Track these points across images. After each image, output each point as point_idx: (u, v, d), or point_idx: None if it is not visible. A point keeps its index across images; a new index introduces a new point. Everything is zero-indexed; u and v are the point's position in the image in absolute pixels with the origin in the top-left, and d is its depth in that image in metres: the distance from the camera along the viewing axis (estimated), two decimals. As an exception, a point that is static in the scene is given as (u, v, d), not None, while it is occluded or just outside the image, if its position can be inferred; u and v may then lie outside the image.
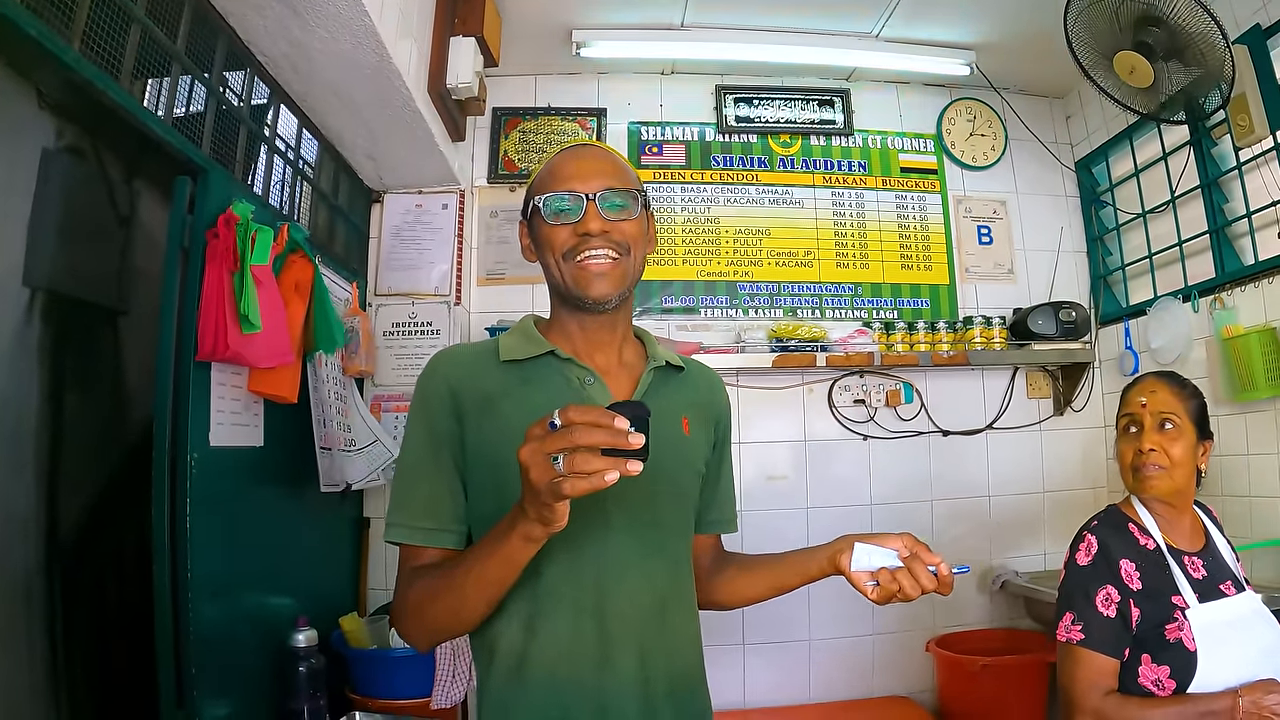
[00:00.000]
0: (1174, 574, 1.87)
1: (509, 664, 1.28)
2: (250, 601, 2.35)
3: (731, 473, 1.64)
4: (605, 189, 1.34)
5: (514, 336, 1.42)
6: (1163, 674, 1.79)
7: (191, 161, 2.09)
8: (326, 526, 2.99)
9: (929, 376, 3.75)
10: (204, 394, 2.11)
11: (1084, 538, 1.95)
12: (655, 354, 1.47)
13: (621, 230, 1.35)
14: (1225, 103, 2.86)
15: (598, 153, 1.42)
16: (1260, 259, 3.05)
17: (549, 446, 0.96)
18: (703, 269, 3.71)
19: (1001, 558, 3.71)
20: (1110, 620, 1.82)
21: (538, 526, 1.04)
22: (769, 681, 3.50)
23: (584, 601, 1.28)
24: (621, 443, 0.95)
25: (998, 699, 3.27)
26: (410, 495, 1.32)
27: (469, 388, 1.34)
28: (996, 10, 3.45)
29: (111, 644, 2.22)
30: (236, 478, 2.28)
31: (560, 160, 1.40)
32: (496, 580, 1.16)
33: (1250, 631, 1.84)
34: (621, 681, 1.28)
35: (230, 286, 2.07)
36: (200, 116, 2.23)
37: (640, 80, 3.83)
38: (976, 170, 3.99)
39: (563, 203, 1.34)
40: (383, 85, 2.57)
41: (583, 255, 1.33)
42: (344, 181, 3.22)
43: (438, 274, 3.36)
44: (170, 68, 2.06)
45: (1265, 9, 2.94)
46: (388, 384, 3.26)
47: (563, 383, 1.36)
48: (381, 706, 2.64)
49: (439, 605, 1.22)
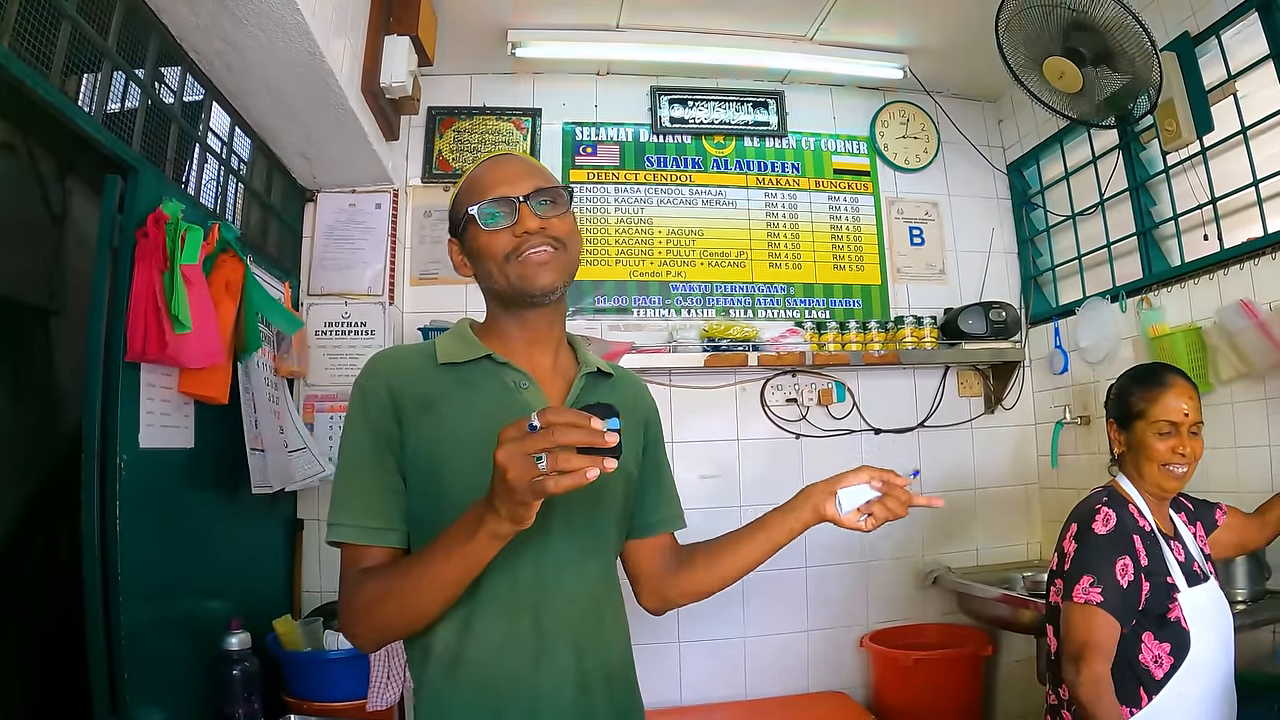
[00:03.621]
0: (1166, 556, 2.00)
1: (444, 662, 1.30)
2: (183, 604, 2.32)
3: (671, 471, 1.67)
4: (535, 189, 1.37)
5: (451, 340, 1.45)
6: (1163, 651, 1.92)
7: (122, 160, 2.08)
8: (259, 528, 2.97)
9: (861, 376, 3.80)
10: (133, 395, 2.09)
11: (1098, 510, 2.04)
12: (586, 360, 1.51)
13: (555, 226, 1.38)
14: (1153, 108, 2.93)
15: (518, 158, 1.46)
16: (1186, 260, 3.14)
17: (530, 446, 1.01)
18: (635, 269, 3.73)
19: (934, 554, 3.76)
20: (1123, 589, 1.92)
21: (506, 524, 1.08)
22: (705, 679, 3.52)
23: (521, 600, 1.31)
24: (599, 441, 1.01)
25: (932, 692, 3.33)
26: (354, 495, 1.33)
27: (408, 389, 1.36)
28: (930, 15, 3.50)
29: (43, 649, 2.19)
30: (167, 479, 2.25)
31: (483, 171, 1.43)
32: (455, 580, 1.18)
33: (1219, 617, 2.00)
34: (558, 676, 1.31)
35: (160, 286, 2.05)
36: (132, 114, 2.20)
37: (575, 81, 3.85)
38: (909, 172, 4.05)
39: (496, 208, 1.36)
40: (316, 84, 2.55)
41: (524, 253, 1.36)
42: (277, 180, 3.20)
43: (371, 274, 3.35)
44: (101, 64, 2.04)
45: (1194, 17, 3.02)
46: (321, 384, 3.23)
47: (499, 386, 1.39)
48: (317, 709, 2.62)
49: (389, 607, 1.23)
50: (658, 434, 1.64)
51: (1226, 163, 3.00)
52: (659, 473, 1.62)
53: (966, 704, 3.41)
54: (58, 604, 2.22)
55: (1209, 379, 2.94)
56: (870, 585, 3.71)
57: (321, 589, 3.20)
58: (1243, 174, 2.88)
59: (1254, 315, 2.70)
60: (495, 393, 1.38)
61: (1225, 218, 2.99)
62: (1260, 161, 2.83)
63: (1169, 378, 2.12)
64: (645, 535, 1.58)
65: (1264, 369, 2.72)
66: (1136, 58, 2.78)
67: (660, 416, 1.66)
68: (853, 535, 3.61)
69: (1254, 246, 2.81)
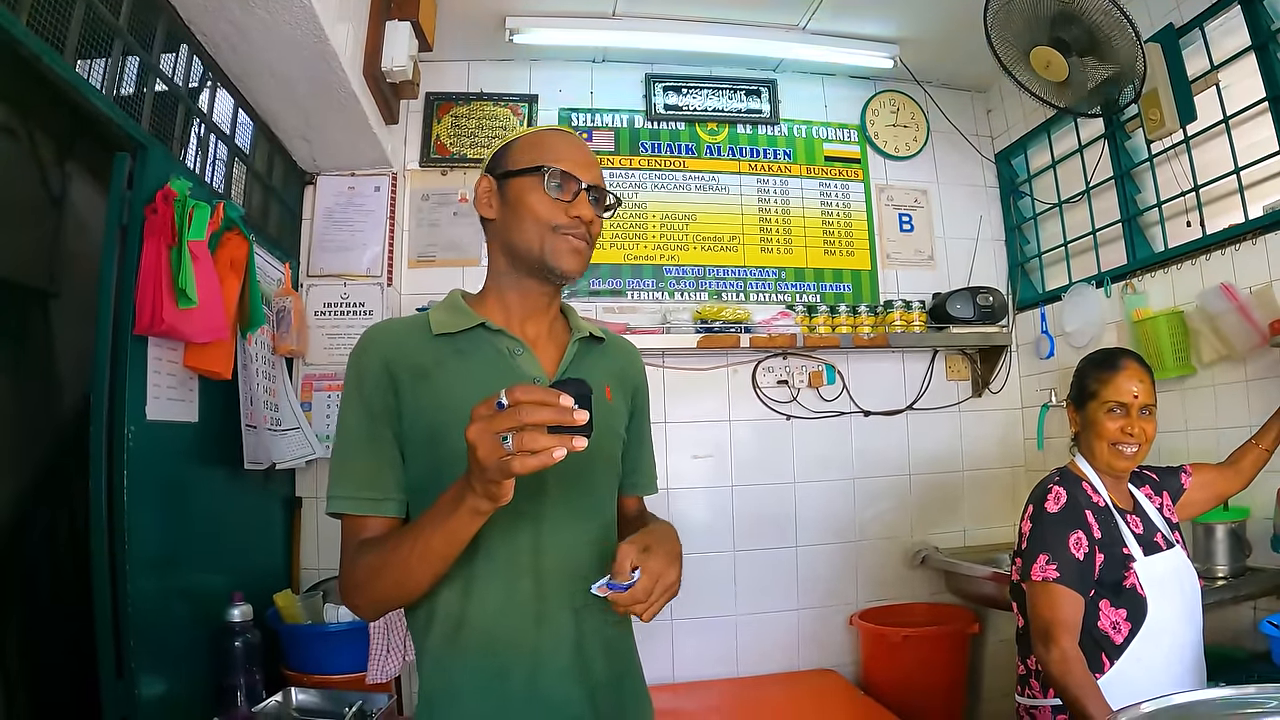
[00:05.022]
0: (1120, 528, 2.07)
1: (447, 628, 1.33)
2: (186, 576, 2.35)
3: (651, 439, 1.70)
4: (597, 184, 1.43)
5: (443, 311, 1.46)
6: (1120, 616, 1.99)
7: (131, 138, 2.11)
8: (259, 504, 3.01)
9: (851, 358, 3.85)
10: (141, 367, 2.13)
11: (1050, 490, 2.12)
12: (579, 326, 1.53)
13: (598, 225, 1.44)
14: (1138, 97, 2.98)
15: (588, 147, 1.51)
16: (1170, 246, 3.21)
17: (496, 425, 1.00)
18: (630, 252, 3.78)
19: (922, 534, 3.83)
20: (1079, 562, 1.99)
21: (484, 501, 1.09)
22: (697, 656, 3.57)
23: (521, 563, 1.33)
24: (567, 419, 0.99)
25: (920, 669, 3.38)
26: (351, 467, 1.35)
27: (403, 361, 1.37)
28: (920, 5, 3.55)
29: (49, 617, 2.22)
30: (172, 453, 2.29)
31: (561, 139, 1.46)
32: (441, 554, 1.20)
33: (1181, 581, 2.07)
34: (558, 638, 1.34)
35: (167, 261, 2.09)
36: (140, 94, 2.24)
37: (572, 68, 3.88)
38: (899, 160, 4.10)
39: (565, 181, 1.39)
40: (319, 67, 2.59)
41: (568, 233, 1.40)
42: (278, 163, 3.23)
43: (369, 255, 3.40)
44: (113, 44, 2.07)
45: (1178, 9, 3.08)
46: (319, 363, 3.28)
47: (493, 353, 1.40)
48: (317, 682, 2.64)
49: (384, 579, 1.25)
50: (645, 401, 1.66)
51: (1207, 151, 3.07)
52: (641, 438, 1.65)
53: (953, 680, 3.48)
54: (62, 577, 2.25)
55: (1191, 361, 3.01)
56: (860, 565, 3.77)
57: (320, 566, 3.24)
58: (1224, 162, 2.95)
59: (1235, 299, 2.77)
60: (489, 360, 1.40)
61: (1207, 205, 3.05)
62: (1241, 150, 2.90)
63: (1122, 361, 2.18)
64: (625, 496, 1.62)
65: (1244, 351, 2.79)
66: (1122, 49, 2.83)
67: (649, 385, 1.69)
68: (841, 515, 3.75)
69: (1235, 232, 2.87)
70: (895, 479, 3.86)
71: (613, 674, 1.42)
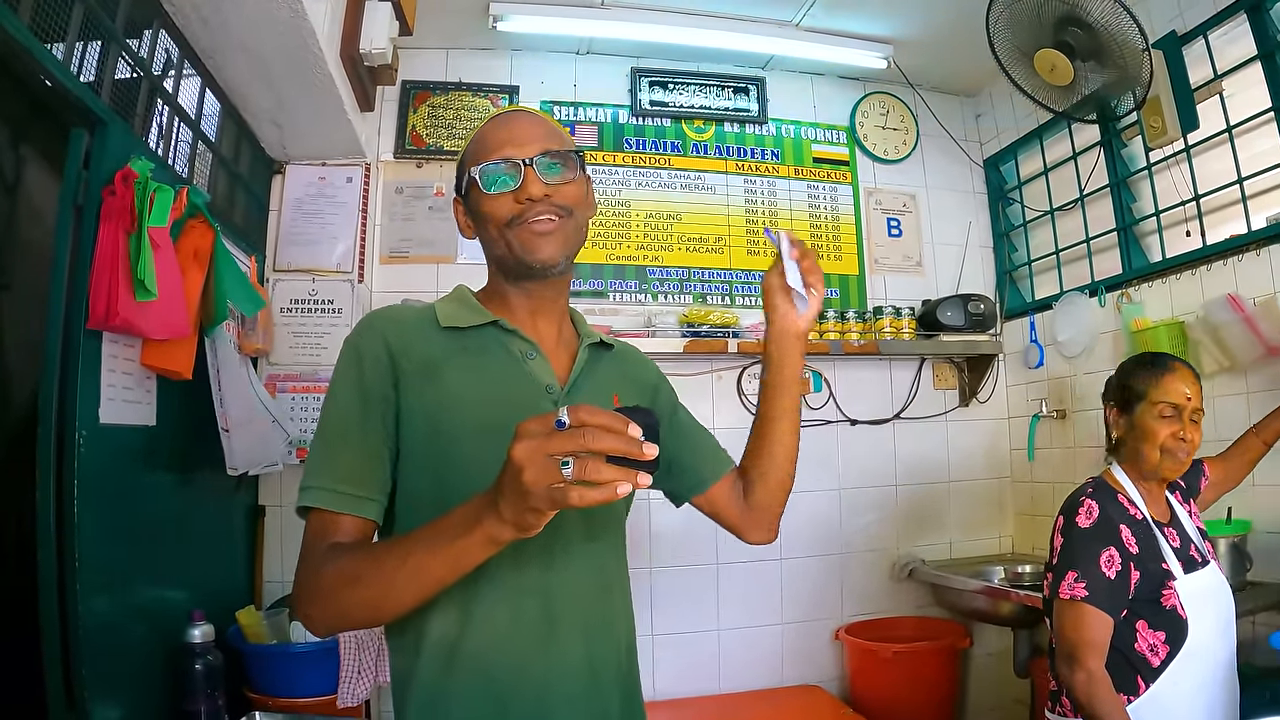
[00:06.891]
0: (1160, 543, 1.97)
1: (441, 654, 1.20)
2: (143, 593, 2.19)
3: (701, 426, 1.60)
4: (542, 152, 1.28)
5: (452, 304, 1.37)
6: (1158, 639, 1.90)
7: (91, 112, 1.93)
8: (220, 514, 2.84)
9: (838, 366, 3.78)
10: (94, 366, 1.96)
11: (1082, 503, 2.02)
12: (587, 332, 1.44)
13: (563, 193, 1.29)
14: (1140, 105, 2.94)
15: (529, 117, 1.36)
16: (1168, 256, 3.17)
17: (554, 447, 0.86)
18: (612, 252, 3.66)
19: (909, 546, 3.76)
20: (1110, 581, 1.90)
21: (509, 530, 0.94)
22: (677, 673, 3.46)
23: (527, 584, 1.22)
24: (635, 451, 0.85)
25: (909, 685, 3.32)
26: (333, 458, 1.21)
27: (410, 350, 1.26)
28: (916, 6, 3.49)
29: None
30: (128, 459, 2.12)
31: (491, 128, 1.34)
32: (438, 579, 1.04)
33: (1218, 598, 1.99)
34: (568, 664, 1.23)
35: (125, 249, 1.92)
36: (101, 67, 2.06)
37: (555, 59, 3.76)
38: (888, 163, 4.04)
39: (499, 171, 1.27)
40: (295, 44, 2.44)
41: (526, 220, 1.27)
42: (245, 149, 3.06)
43: (340, 250, 3.24)
44: (72, 10, 1.89)
45: (1181, 16, 3.05)
46: (284, 363, 3.11)
47: (505, 354, 1.31)
48: (283, 705, 2.51)
49: (356, 593, 1.07)
50: (672, 397, 1.58)
51: (1208, 161, 3.03)
52: (693, 431, 1.57)
53: (943, 697, 3.42)
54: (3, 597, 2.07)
55: (1191, 373, 2.96)
56: (845, 578, 3.69)
57: (284, 579, 3.08)
58: (1225, 172, 2.91)
59: (1241, 310, 2.73)
60: (501, 360, 1.30)
61: (1208, 214, 3.02)
62: (1245, 160, 2.86)
63: (1173, 363, 2.11)
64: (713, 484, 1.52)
65: (1246, 363, 2.75)
66: (1127, 54, 2.79)
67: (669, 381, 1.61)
68: (826, 527, 3.68)
69: (1238, 243, 2.84)
70: (882, 490, 3.78)
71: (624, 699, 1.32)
